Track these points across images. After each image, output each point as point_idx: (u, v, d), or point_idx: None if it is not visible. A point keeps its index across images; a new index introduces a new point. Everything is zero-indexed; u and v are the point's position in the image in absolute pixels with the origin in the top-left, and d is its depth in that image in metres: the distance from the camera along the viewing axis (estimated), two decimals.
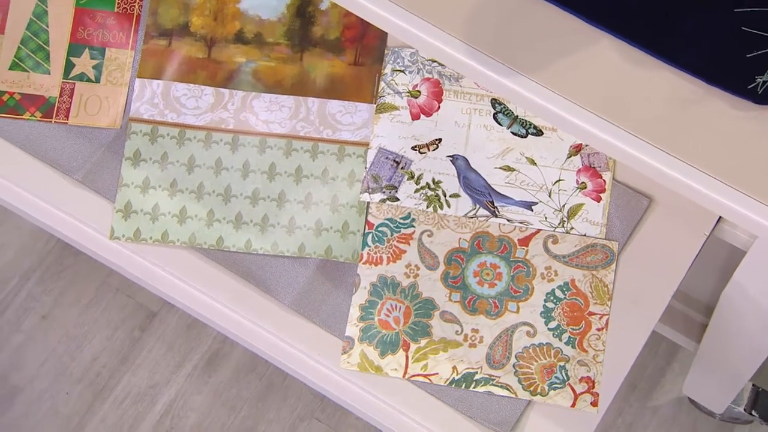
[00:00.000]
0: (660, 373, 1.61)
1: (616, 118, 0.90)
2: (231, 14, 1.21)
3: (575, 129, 0.92)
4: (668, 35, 0.91)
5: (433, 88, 1.18)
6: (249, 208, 1.16)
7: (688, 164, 0.89)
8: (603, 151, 0.93)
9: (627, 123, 0.90)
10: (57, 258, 1.67)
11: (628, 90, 0.91)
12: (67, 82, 1.18)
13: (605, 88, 0.91)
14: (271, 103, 1.19)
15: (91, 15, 1.19)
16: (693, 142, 0.89)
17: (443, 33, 0.93)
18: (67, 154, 1.17)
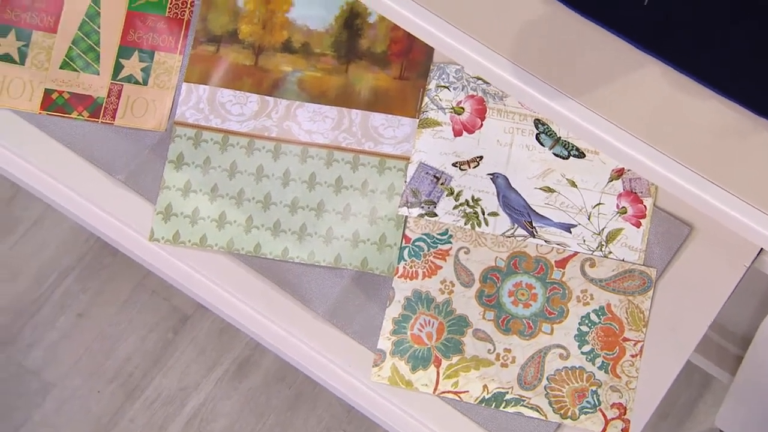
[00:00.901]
0: (692, 403, 1.59)
1: (661, 144, 0.90)
2: (280, 23, 1.22)
3: (618, 153, 0.91)
4: (719, 64, 0.90)
5: (476, 105, 1.18)
6: (288, 216, 1.17)
7: (731, 194, 0.88)
8: (645, 176, 0.92)
9: (671, 149, 0.89)
10: (96, 257, 1.69)
11: (674, 116, 0.90)
12: (116, 84, 1.19)
13: (651, 114, 0.90)
14: (314, 113, 1.20)
15: (142, 18, 1.21)
16: (737, 172, 0.88)
17: (490, 51, 0.94)
18: (112, 154, 1.18)
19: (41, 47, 1.19)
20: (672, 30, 0.91)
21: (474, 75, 1.18)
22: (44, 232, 1.68)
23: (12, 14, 1.19)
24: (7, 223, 1.67)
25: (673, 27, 0.92)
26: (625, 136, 0.90)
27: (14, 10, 1.19)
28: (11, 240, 1.66)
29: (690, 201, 0.90)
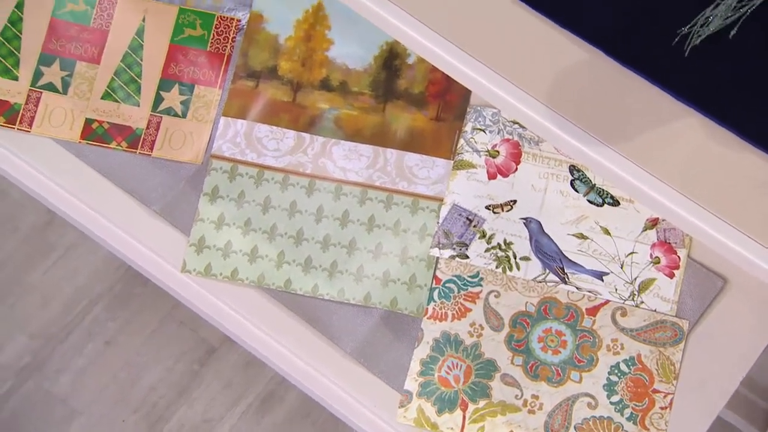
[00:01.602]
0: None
1: (696, 196, 0.89)
2: (319, 61, 1.23)
3: (653, 203, 0.91)
4: (758, 118, 0.90)
5: (512, 149, 1.18)
6: (319, 252, 1.17)
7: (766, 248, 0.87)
8: (680, 227, 0.92)
9: (707, 201, 0.89)
10: (126, 286, 1.70)
11: (711, 168, 0.90)
12: (155, 115, 1.20)
13: (687, 164, 0.90)
14: (350, 151, 1.20)
15: (183, 52, 1.22)
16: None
17: (527, 95, 0.94)
18: (148, 185, 1.19)
19: (84, 77, 1.20)
20: (712, 83, 0.91)
21: (510, 119, 1.18)
22: (77, 259, 1.69)
23: (57, 44, 1.21)
24: (42, 249, 1.68)
25: (714, 81, 0.91)
26: (661, 185, 0.90)
27: (59, 41, 1.21)
28: (45, 265, 1.68)
29: (725, 254, 0.89)
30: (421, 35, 0.97)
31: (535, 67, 0.94)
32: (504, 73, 0.94)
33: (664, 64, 0.91)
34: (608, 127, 0.92)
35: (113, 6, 1.22)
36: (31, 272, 1.67)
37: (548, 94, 0.93)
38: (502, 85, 0.94)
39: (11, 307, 1.66)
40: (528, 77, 0.94)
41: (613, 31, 0.92)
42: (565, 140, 0.93)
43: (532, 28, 0.93)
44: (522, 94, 0.93)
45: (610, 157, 0.91)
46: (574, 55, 0.93)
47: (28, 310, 1.67)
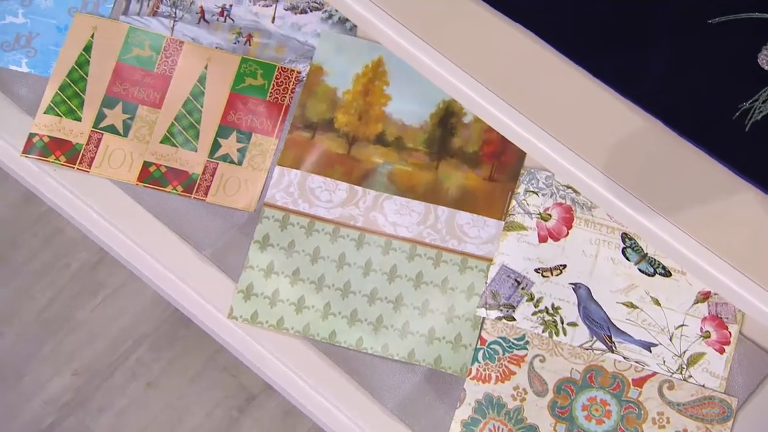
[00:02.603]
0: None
1: (751, 272, 0.88)
2: (376, 116, 1.24)
3: (707, 276, 0.90)
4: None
5: (564, 213, 1.17)
6: (365, 306, 1.17)
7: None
8: (733, 302, 0.90)
9: (763, 279, 0.87)
10: (171, 328, 1.70)
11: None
12: (211, 162, 1.22)
13: (743, 239, 0.89)
14: (401, 206, 1.20)
15: (243, 101, 1.24)
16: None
17: (584, 162, 0.93)
18: (201, 230, 1.20)
19: (145, 121, 1.23)
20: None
21: (564, 183, 1.18)
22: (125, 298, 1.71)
23: (121, 88, 1.24)
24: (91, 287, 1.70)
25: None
26: (715, 259, 0.89)
27: (124, 84, 1.24)
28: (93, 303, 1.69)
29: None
30: (479, 95, 0.97)
31: (593, 134, 0.94)
32: (561, 138, 0.94)
33: (724, 138, 0.91)
34: (664, 197, 0.91)
35: (178, 53, 1.25)
36: (80, 309, 1.69)
37: (605, 161, 0.93)
38: (558, 149, 0.94)
39: (59, 342, 1.68)
40: (585, 143, 0.93)
41: (674, 103, 0.92)
42: (620, 208, 0.92)
43: (591, 94, 0.93)
44: (578, 160, 0.93)
45: (664, 227, 0.91)
46: (633, 124, 0.93)
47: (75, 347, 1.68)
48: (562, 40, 0.94)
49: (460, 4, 0.97)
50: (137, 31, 1.25)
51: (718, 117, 0.91)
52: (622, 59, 0.93)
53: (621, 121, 0.93)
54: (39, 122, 1.22)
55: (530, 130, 0.95)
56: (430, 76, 1.01)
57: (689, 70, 0.93)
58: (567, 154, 0.94)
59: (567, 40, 0.94)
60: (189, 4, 1.27)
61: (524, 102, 0.96)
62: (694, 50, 0.93)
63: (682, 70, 0.93)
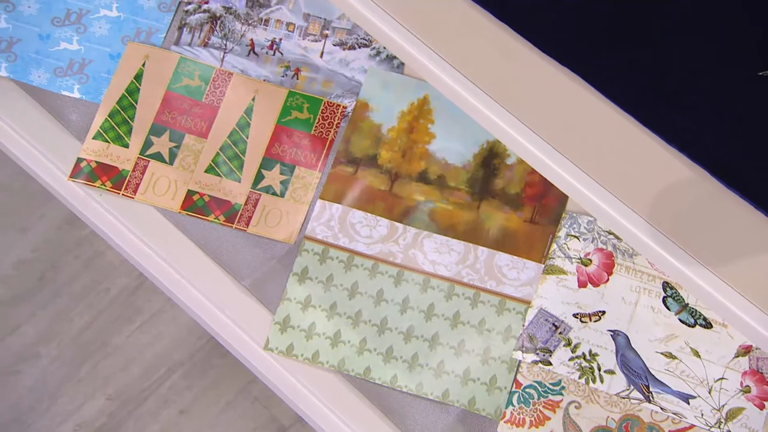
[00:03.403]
0: None
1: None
2: (419, 154, 1.24)
3: (749, 330, 0.88)
4: None
5: (605, 259, 1.16)
6: (401, 344, 1.17)
7: None
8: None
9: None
10: (206, 356, 1.71)
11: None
12: (254, 192, 1.23)
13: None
14: (441, 244, 1.20)
15: (288, 133, 1.25)
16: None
17: (627, 208, 0.93)
18: (240, 260, 1.21)
19: (191, 150, 1.24)
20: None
21: (606, 229, 1.17)
22: (161, 325, 1.72)
23: (169, 116, 1.25)
24: (128, 312, 1.71)
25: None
26: (758, 313, 0.88)
27: (172, 113, 1.25)
28: (129, 329, 1.70)
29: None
30: (524, 138, 0.97)
31: (638, 180, 0.93)
32: (605, 183, 0.94)
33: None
34: (708, 247, 0.90)
35: (226, 84, 1.26)
36: (117, 334, 1.70)
37: (649, 208, 0.92)
38: (601, 195, 0.94)
39: (94, 366, 1.69)
40: (629, 189, 0.93)
41: (721, 153, 0.91)
42: (662, 257, 0.92)
43: (638, 141, 0.93)
44: (621, 206, 0.93)
45: (707, 278, 0.90)
46: (679, 172, 0.92)
47: (110, 371, 1.69)
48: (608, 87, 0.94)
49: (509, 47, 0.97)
50: (187, 61, 1.27)
51: (765, 169, 0.90)
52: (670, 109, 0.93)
53: (666, 169, 0.93)
54: (87, 147, 1.24)
55: (574, 174, 0.95)
56: (475, 116, 1.01)
57: (737, 121, 0.92)
58: (610, 200, 0.93)
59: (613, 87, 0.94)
60: (239, 37, 1.29)
61: (569, 145, 0.96)
62: (744, 102, 0.93)
63: (730, 122, 0.92)
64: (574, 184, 0.95)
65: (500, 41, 0.98)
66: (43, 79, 1.26)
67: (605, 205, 0.93)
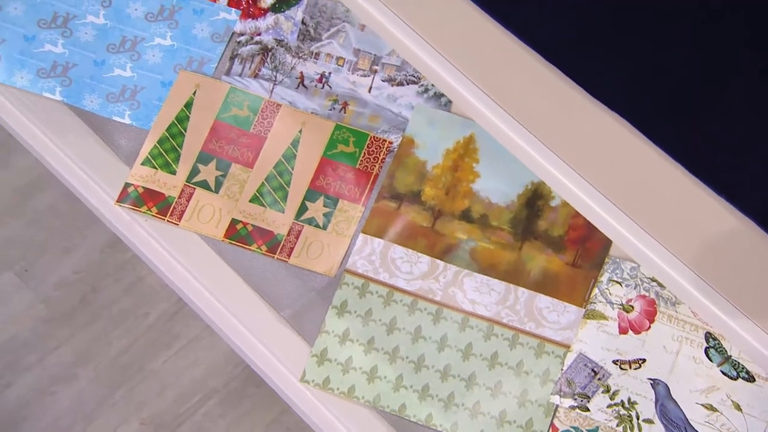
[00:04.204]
0: None
1: None
2: (463, 192, 1.24)
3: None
4: None
5: (647, 306, 1.15)
6: (438, 382, 1.16)
7: None
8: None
9: None
10: (241, 385, 1.71)
11: None
12: (297, 224, 1.23)
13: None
14: (481, 284, 1.20)
15: (333, 166, 1.26)
16: None
17: (672, 256, 0.92)
18: (281, 291, 1.21)
19: (236, 179, 1.25)
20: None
21: (649, 276, 1.16)
22: (198, 351, 1.72)
23: (216, 145, 1.26)
24: (166, 338, 1.72)
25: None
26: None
27: (219, 142, 1.26)
28: (167, 354, 1.71)
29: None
30: (570, 180, 0.97)
31: (684, 228, 0.92)
32: (650, 230, 0.93)
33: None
34: (754, 299, 0.89)
35: (274, 115, 1.27)
36: (154, 359, 1.71)
37: (694, 257, 0.91)
38: (646, 241, 0.93)
39: (130, 390, 1.70)
40: (675, 237, 0.92)
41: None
42: (706, 307, 0.91)
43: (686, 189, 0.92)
44: (666, 254, 0.92)
45: (751, 330, 0.88)
46: (727, 222, 0.91)
47: (145, 396, 1.70)
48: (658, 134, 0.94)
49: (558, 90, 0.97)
50: (237, 92, 1.28)
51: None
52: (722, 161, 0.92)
53: (715, 218, 0.92)
54: (135, 173, 1.25)
55: (619, 219, 0.94)
56: (521, 157, 1.01)
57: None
58: (655, 247, 0.93)
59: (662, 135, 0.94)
60: (290, 69, 1.30)
61: (615, 190, 0.95)
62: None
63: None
64: (618, 229, 0.95)
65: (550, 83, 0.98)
66: (96, 104, 1.28)
67: (650, 251, 0.93)
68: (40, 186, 1.78)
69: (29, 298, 1.72)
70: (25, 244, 1.76)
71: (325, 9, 1.33)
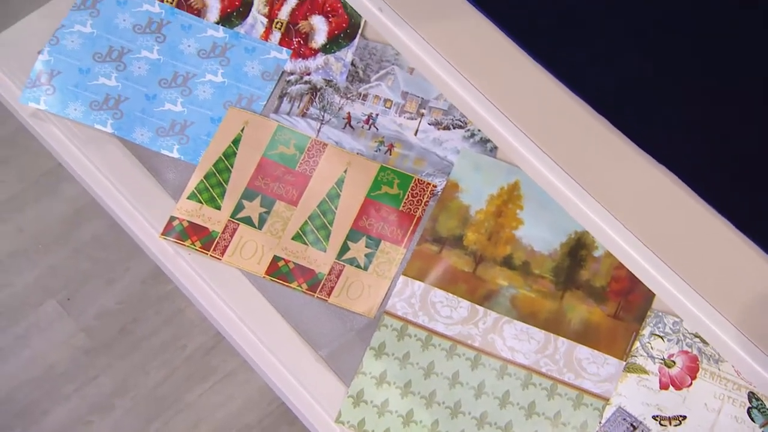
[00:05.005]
0: None
1: None
2: (505, 238, 1.24)
3: None
4: None
5: (689, 362, 1.14)
6: (474, 429, 1.15)
7: None
8: None
9: None
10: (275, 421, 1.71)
11: None
12: (338, 263, 1.24)
13: None
14: (521, 331, 1.19)
15: (377, 207, 1.26)
16: None
17: (717, 313, 0.91)
18: (319, 329, 1.21)
19: (280, 216, 1.26)
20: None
21: (692, 331, 1.15)
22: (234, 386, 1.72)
23: (262, 182, 1.27)
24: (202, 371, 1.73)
25: None
26: None
27: (265, 179, 1.27)
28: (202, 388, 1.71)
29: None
30: (615, 232, 0.97)
31: (730, 285, 0.91)
32: (696, 286, 0.92)
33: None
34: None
35: (320, 154, 1.28)
36: (190, 392, 1.71)
37: (739, 315, 0.90)
38: (691, 296, 0.92)
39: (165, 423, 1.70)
40: (721, 294, 0.91)
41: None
42: (750, 366, 0.89)
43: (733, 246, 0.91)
44: (711, 310, 0.91)
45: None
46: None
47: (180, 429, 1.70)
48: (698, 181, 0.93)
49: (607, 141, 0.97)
50: (285, 130, 1.30)
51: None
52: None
53: (760, 276, 0.91)
54: (181, 207, 1.26)
55: (664, 273, 0.94)
56: (566, 206, 1.01)
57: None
58: (699, 303, 0.92)
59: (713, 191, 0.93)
60: (337, 109, 1.31)
61: (661, 244, 0.94)
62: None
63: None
64: (662, 282, 0.94)
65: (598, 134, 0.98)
66: (145, 138, 1.30)
67: (694, 307, 0.92)
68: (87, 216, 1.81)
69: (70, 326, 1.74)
70: (69, 273, 1.77)
71: (375, 51, 1.34)
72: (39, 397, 1.70)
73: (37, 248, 1.79)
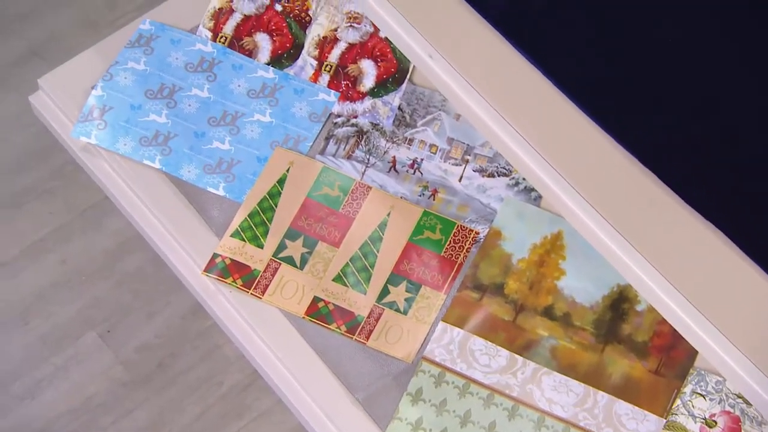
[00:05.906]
0: None
1: None
2: (547, 288, 1.23)
3: None
4: None
5: (731, 423, 1.11)
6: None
7: None
8: None
9: None
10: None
11: None
12: (378, 307, 1.23)
13: None
14: (560, 383, 1.18)
15: (418, 252, 1.26)
16: None
17: (762, 376, 0.89)
18: (356, 372, 1.21)
19: (321, 257, 1.26)
20: None
21: (735, 392, 1.13)
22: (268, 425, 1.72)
23: (305, 222, 1.28)
24: (236, 410, 1.72)
25: None
26: None
27: (308, 219, 1.28)
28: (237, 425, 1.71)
29: None
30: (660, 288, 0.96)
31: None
32: (739, 345, 0.91)
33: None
34: None
35: (364, 197, 1.28)
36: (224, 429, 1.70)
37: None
38: (736, 357, 0.90)
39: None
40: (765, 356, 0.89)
41: None
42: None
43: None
44: (756, 373, 0.89)
45: None
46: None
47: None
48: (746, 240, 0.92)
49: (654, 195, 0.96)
50: (330, 171, 1.30)
51: None
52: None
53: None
54: (224, 244, 1.27)
55: (708, 331, 0.92)
56: (610, 258, 1.00)
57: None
58: (744, 364, 0.90)
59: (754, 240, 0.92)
60: (383, 153, 1.32)
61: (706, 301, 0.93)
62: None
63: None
64: (706, 341, 0.92)
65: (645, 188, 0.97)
66: (192, 175, 1.31)
67: (738, 368, 0.90)
68: (130, 249, 1.82)
69: (109, 359, 1.75)
70: (111, 306, 1.79)
71: (422, 97, 1.35)
72: (76, 428, 1.70)
73: (80, 279, 1.81)
